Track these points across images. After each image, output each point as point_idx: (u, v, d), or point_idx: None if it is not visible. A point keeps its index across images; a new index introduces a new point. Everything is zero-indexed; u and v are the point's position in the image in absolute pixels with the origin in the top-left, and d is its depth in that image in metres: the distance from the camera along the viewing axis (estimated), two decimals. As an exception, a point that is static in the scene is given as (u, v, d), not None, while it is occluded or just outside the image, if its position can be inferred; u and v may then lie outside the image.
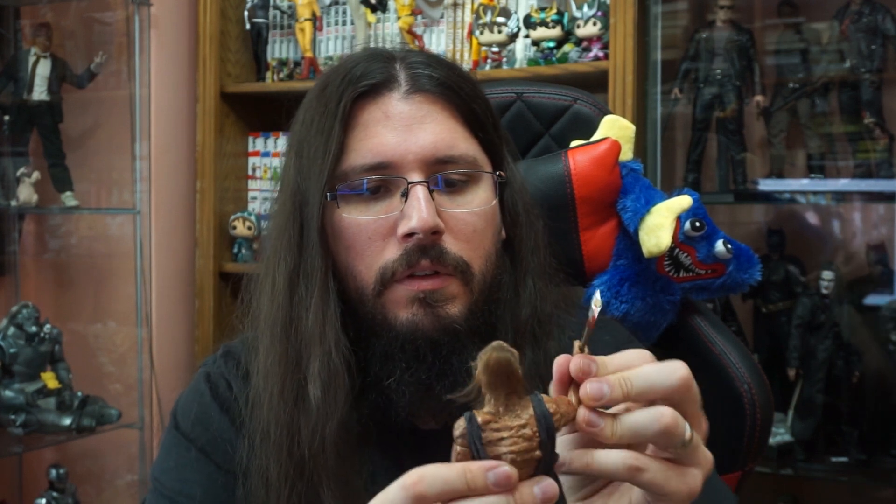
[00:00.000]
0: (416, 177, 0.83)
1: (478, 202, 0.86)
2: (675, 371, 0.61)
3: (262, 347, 0.87)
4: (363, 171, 0.84)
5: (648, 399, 0.60)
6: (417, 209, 0.81)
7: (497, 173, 0.89)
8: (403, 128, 0.84)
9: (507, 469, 0.55)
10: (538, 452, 0.56)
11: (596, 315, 0.61)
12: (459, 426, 0.57)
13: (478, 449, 0.56)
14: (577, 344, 0.61)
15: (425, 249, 0.82)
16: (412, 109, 0.85)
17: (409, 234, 0.82)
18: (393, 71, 0.87)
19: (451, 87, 0.87)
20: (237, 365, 0.93)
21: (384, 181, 0.84)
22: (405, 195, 0.83)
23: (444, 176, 0.85)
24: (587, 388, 0.59)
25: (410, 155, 0.83)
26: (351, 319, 0.86)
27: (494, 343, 0.57)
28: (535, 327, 0.89)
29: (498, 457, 0.56)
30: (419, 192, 0.82)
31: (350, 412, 0.83)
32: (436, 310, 0.83)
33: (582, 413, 0.59)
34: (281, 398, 0.84)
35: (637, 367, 0.61)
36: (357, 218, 0.84)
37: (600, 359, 0.61)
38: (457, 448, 0.57)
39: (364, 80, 0.85)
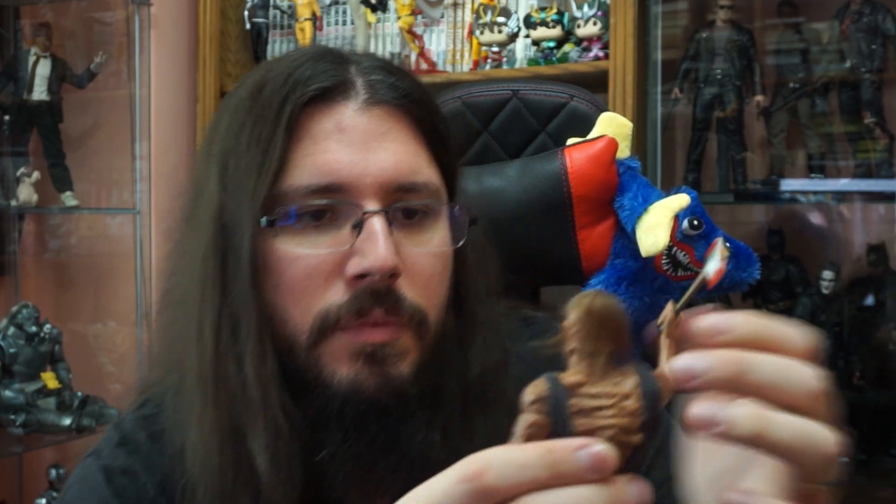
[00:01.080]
0: (372, 205, 0.68)
1: (437, 241, 0.72)
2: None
3: (195, 411, 0.69)
4: (308, 192, 0.68)
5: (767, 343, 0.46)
6: (375, 245, 0.66)
7: (457, 207, 0.74)
8: (360, 144, 0.69)
9: (605, 449, 0.40)
10: (638, 436, 0.41)
11: (717, 270, 0.46)
12: (536, 388, 0.42)
13: (562, 420, 0.41)
14: (669, 307, 0.47)
15: (379, 295, 0.67)
16: (371, 124, 0.70)
17: (362, 276, 0.67)
18: (348, 75, 0.71)
19: (415, 100, 0.73)
20: (136, 450, 0.75)
21: (331, 206, 0.68)
22: (358, 227, 0.67)
23: (404, 207, 0.70)
24: (699, 323, 0.46)
25: (368, 178, 0.68)
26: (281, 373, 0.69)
27: (591, 290, 0.44)
28: (485, 389, 0.73)
29: (590, 433, 0.41)
30: (376, 225, 0.67)
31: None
32: (384, 367, 0.67)
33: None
34: (222, 476, 0.67)
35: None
36: (295, 250, 0.68)
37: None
38: (529, 417, 0.42)
39: (314, 82, 0.70)
